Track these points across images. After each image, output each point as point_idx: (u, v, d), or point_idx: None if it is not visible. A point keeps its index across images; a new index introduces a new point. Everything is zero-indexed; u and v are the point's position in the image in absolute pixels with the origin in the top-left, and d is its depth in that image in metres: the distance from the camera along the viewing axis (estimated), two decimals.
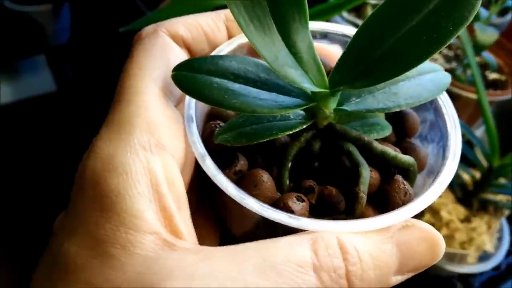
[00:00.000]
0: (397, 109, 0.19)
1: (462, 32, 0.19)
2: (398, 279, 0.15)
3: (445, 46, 0.15)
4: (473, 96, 0.48)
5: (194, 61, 0.18)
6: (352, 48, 0.17)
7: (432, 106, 0.20)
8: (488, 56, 0.51)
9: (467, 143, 0.46)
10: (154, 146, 0.16)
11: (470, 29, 0.47)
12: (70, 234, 0.14)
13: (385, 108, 0.18)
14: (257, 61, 0.18)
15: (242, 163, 0.18)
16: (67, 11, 0.78)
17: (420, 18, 0.16)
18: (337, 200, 0.17)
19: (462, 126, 0.45)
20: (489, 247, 0.48)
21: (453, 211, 0.47)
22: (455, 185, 0.48)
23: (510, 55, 0.54)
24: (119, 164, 0.15)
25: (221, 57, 0.18)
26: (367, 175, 0.17)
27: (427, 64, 0.20)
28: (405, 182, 0.18)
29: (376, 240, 0.15)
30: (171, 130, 0.17)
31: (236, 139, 0.17)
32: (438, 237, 0.16)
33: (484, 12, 0.48)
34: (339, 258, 0.14)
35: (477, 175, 0.47)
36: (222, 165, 0.17)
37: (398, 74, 0.16)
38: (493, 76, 0.54)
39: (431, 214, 0.48)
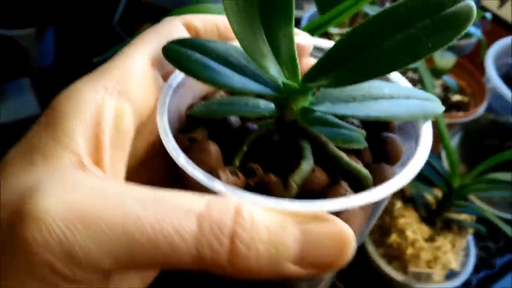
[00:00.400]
0: (363, 118, 0.19)
1: None
2: (296, 270, 0.14)
3: (419, 60, 0.17)
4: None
5: (187, 39, 0.20)
6: (332, 53, 0.18)
7: (414, 133, 0.20)
8: (448, 79, 0.53)
9: (429, 164, 0.47)
10: (117, 93, 0.18)
11: None
12: (18, 142, 0.16)
13: (350, 115, 0.19)
14: (243, 52, 0.19)
15: (198, 133, 0.19)
16: (51, 35, 0.79)
17: (404, 33, 0.17)
18: (273, 187, 0.17)
19: None
20: (454, 265, 0.49)
21: (417, 231, 0.48)
22: (419, 205, 0.49)
23: (472, 77, 0.56)
24: (78, 94, 0.17)
25: (214, 40, 0.20)
26: (306, 169, 0.17)
27: (420, 92, 0.20)
28: (348, 190, 0.17)
29: (281, 219, 0.14)
30: (142, 88, 0.18)
31: (201, 111, 0.19)
32: (349, 239, 0.14)
33: None
34: (230, 217, 0.14)
35: (440, 195, 0.48)
36: (183, 132, 0.19)
37: (368, 78, 0.17)
38: (456, 97, 0.56)
39: (397, 234, 0.49)
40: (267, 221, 0.14)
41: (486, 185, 0.45)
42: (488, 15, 0.47)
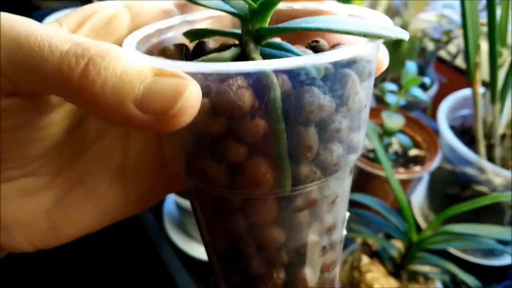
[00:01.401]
0: (298, 30, 0.19)
1: (368, 120, 0.21)
2: (136, 113, 0.15)
3: None
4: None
5: None
6: None
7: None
8: (401, 136, 0.56)
9: (388, 221, 0.50)
10: (123, 3, 0.20)
11: (378, 116, 0.52)
12: None
13: (288, 27, 0.19)
14: None
15: (171, 46, 0.21)
16: None
17: None
18: None
19: (379, 204, 0.49)
20: None
21: (385, 284, 0.50)
22: (385, 259, 0.51)
23: (426, 132, 0.59)
24: None
25: None
26: (214, 57, 0.18)
27: (387, 23, 0.19)
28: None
29: (143, 67, 0.15)
30: (150, 11, 0.21)
31: (191, 31, 0.21)
32: (183, 90, 0.15)
33: (392, 98, 0.54)
34: (97, 48, 0.15)
35: (403, 248, 0.50)
36: None
37: None
38: (413, 152, 0.59)
39: None
40: (129, 64, 0.15)
41: (443, 237, 0.47)
42: (427, 81, 0.51)
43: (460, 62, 0.74)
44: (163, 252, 0.63)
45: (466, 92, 0.63)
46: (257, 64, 0.16)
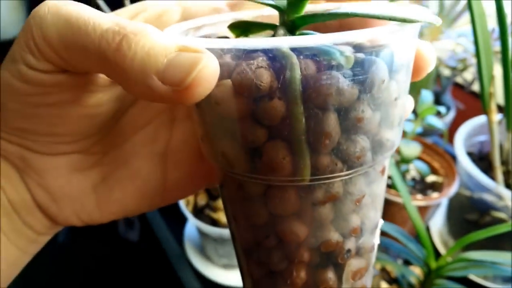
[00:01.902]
0: (334, 17, 0.19)
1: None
2: (159, 85, 0.16)
3: None
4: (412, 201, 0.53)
5: None
6: None
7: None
8: (418, 163, 0.57)
9: (407, 247, 0.50)
10: (177, 2, 0.23)
11: None
12: None
13: (323, 13, 0.19)
14: None
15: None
16: None
17: None
18: None
19: (397, 231, 0.50)
20: None
21: None
22: (404, 286, 0.51)
23: (443, 158, 0.60)
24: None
25: None
26: None
27: (418, 8, 0.19)
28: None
29: (171, 43, 0.16)
30: (201, 7, 0.23)
31: (233, 23, 0.22)
32: (198, 62, 0.16)
33: (409, 126, 0.55)
34: (133, 26, 0.16)
35: (422, 275, 0.50)
36: None
37: None
38: (431, 178, 0.59)
39: None
40: (157, 40, 0.16)
41: (463, 264, 0.47)
42: (443, 110, 0.52)
43: (477, 87, 0.75)
44: (183, 276, 0.64)
45: (483, 118, 0.63)
46: (274, 41, 0.16)
